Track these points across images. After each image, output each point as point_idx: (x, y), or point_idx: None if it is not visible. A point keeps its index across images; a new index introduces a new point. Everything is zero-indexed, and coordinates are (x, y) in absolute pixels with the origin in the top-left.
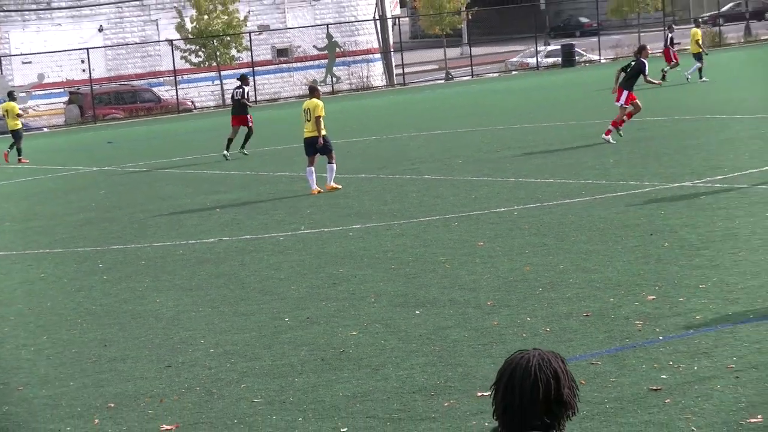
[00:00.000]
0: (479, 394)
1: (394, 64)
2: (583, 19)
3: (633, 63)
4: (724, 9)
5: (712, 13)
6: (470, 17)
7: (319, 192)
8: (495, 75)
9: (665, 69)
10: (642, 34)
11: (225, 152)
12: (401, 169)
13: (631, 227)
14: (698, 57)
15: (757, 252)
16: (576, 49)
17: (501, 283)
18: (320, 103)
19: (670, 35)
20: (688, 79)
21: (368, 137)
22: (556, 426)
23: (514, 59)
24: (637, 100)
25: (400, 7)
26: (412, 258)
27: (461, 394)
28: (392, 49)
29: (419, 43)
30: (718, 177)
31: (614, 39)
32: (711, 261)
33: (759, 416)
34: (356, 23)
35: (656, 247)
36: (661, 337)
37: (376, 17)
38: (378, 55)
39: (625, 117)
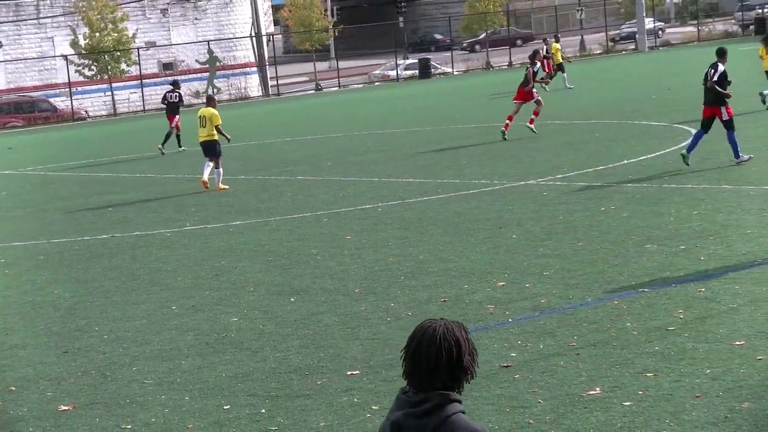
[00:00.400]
0: (349, 373)
1: (269, 77)
2: (438, 36)
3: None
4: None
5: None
6: (337, 34)
7: (205, 184)
8: (360, 86)
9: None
10: (490, 50)
11: (160, 147)
12: (276, 171)
13: (482, 221)
14: (561, 67)
15: (593, 242)
16: (432, 62)
17: (367, 272)
18: (215, 111)
19: (545, 47)
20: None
21: (247, 142)
22: (456, 388)
23: (377, 72)
24: (540, 98)
25: (274, 25)
26: (287, 251)
27: (333, 373)
28: (267, 63)
29: (291, 57)
30: (559, 176)
31: (466, 54)
32: (554, 250)
33: (597, 389)
34: (234, 40)
35: (505, 239)
36: (510, 320)
37: (253, 34)
38: (254, 69)
39: (533, 115)
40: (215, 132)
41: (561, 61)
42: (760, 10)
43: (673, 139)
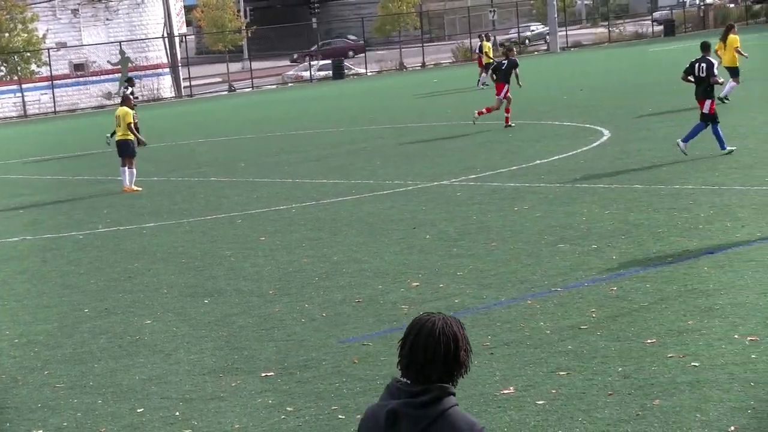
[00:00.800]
0: (263, 374)
1: (182, 78)
2: (351, 37)
3: (505, 62)
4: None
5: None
6: (250, 35)
7: (133, 191)
8: (273, 87)
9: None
10: (403, 49)
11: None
12: (189, 172)
13: (396, 222)
14: (488, 67)
15: (507, 242)
16: (345, 63)
17: (281, 273)
18: (129, 110)
19: (480, 44)
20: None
21: (159, 144)
22: (451, 381)
23: (290, 73)
24: (510, 94)
25: (187, 26)
26: (200, 252)
27: (247, 374)
28: (180, 64)
29: (204, 58)
30: (473, 176)
31: (379, 54)
32: (467, 251)
33: (511, 387)
34: (146, 40)
35: (419, 239)
36: None
37: (165, 35)
38: (167, 70)
39: (505, 111)
40: (129, 132)
41: (490, 61)
42: (669, 12)
43: (584, 139)
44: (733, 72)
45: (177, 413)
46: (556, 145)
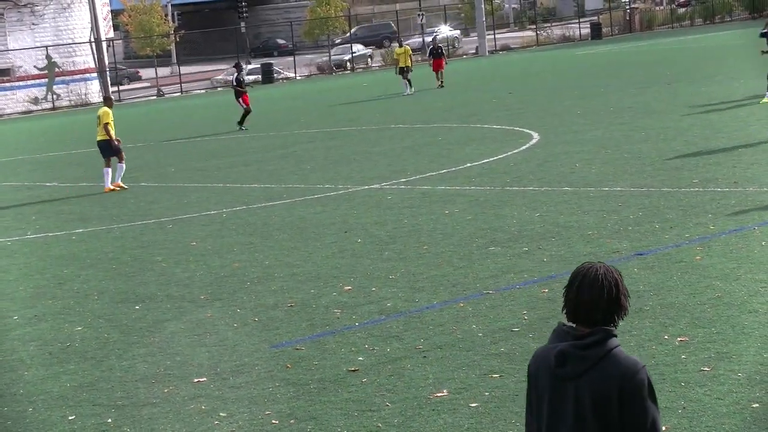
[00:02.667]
0: (196, 380)
1: (110, 82)
2: (280, 41)
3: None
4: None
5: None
6: (178, 39)
7: (120, 187)
8: (202, 91)
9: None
10: (333, 53)
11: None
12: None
13: (327, 225)
14: (402, 71)
15: (438, 245)
16: (274, 67)
17: (213, 278)
18: (108, 110)
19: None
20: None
21: (87, 149)
22: (612, 324)
23: (219, 77)
24: None
25: (114, 31)
26: (131, 258)
27: (179, 380)
28: (108, 69)
29: (133, 63)
30: (402, 179)
31: (308, 58)
32: (399, 254)
33: (444, 390)
34: (73, 45)
35: (351, 243)
36: (357, 324)
37: (92, 40)
38: (95, 74)
39: None
40: (104, 131)
41: (406, 65)
42: (595, 18)
43: (514, 142)
44: None
45: (109, 420)
46: (486, 147)
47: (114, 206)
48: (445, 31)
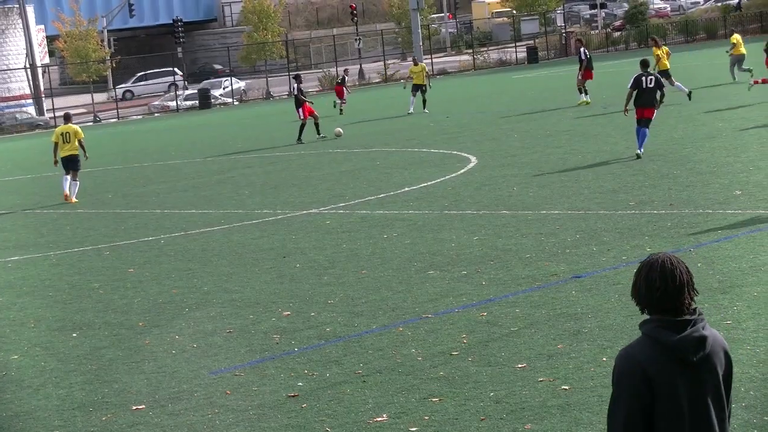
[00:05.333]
0: (134, 407)
1: (45, 109)
2: (217, 66)
3: None
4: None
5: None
6: (114, 65)
7: (67, 197)
8: (139, 117)
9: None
10: (270, 78)
11: (318, 135)
12: (55, 204)
13: (266, 251)
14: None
15: (377, 269)
16: (211, 92)
17: (151, 305)
18: (78, 128)
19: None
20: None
21: (23, 176)
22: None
23: (156, 102)
24: None
25: (50, 56)
26: (68, 285)
27: (117, 408)
28: (43, 95)
29: (69, 89)
30: (341, 204)
31: (246, 83)
32: (338, 279)
33: (384, 415)
34: (8, 71)
35: (289, 268)
36: (296, 349)
37: (27, 66)
38: (30, 101)
39: None
40: (78, 146)
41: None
42: (532, 42)
43: (452, 166)
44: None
45: None
46: (424, 172)
47: (50, 233)
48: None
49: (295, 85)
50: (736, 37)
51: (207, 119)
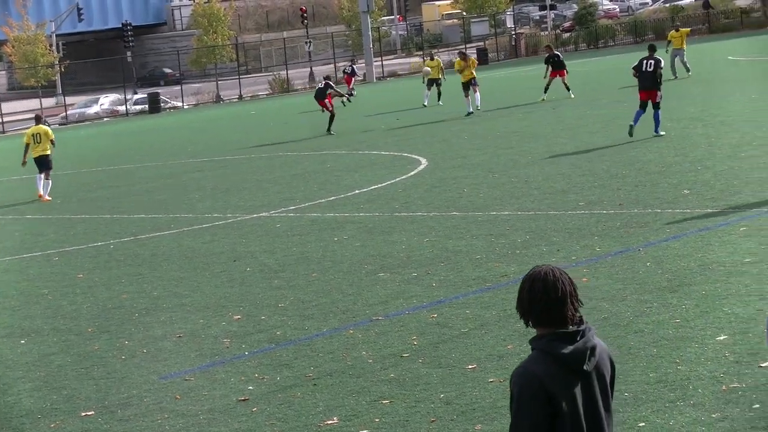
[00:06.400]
0: (83, 413)
1: None
2: (167, 70)
3: None
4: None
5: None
6: (63, 69)
7: (41, 196)
8: (88, 122)
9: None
10: (220, 81)
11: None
12: (3, 210)
13: (216, 255)
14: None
15: (327, 272)
16: (161, 96)
17: (100, 310)
18: (49, 128)
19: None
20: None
21: None
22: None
23: (106, 106)
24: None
25: None
26: (16, 291)
27: (66, 415)
28: None
29: (17, 94)
30: (292, 207)
31: (195, 87)
32: (288, 282)
33: (335, 418)
34: None
35: (240, 272)
36: (246, 353)
37: None
38: None
39: None
40: (49, 146)
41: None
42: (482, 43)
43: (402, 168)
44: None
45: None
46: (375, 174)
47: None
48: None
49: (323, 81)
50: (674, 33)
51: (157, 123)
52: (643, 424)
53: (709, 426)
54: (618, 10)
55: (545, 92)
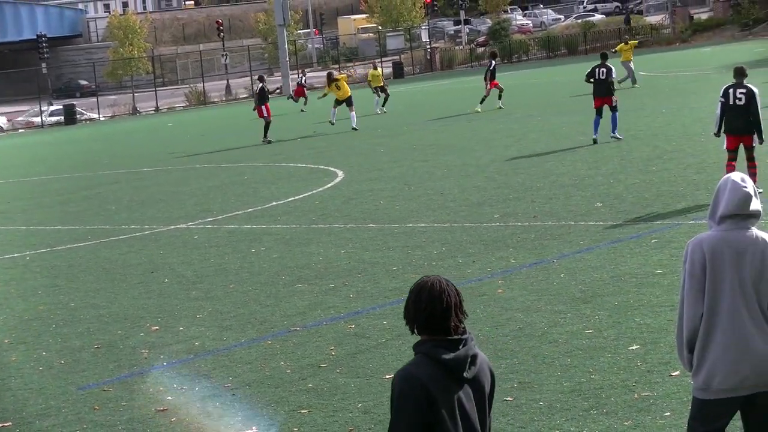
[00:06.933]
0: (1, 425)
1: None
2: (83, 82)
3: None
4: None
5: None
6: None
7: None
8: (2, 134)
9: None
10: (136, 93)
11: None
12: None
13: (134, 266)
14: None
15: (245, 283)
16: (77, 108)
17: (17, 322)
18: None
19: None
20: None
21: None
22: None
23: (20, 119)
24: None
25: None
26: None
27: None
28: None
29: None
30: (209, 219)
31: (111, 99)
32: (206, 293)
33: (253, 428)
34: None
35: (157, 283)
36: (165, 363)
37: None
38: None
39: None
40: None
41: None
42: (397, 57)
43: (319, 180)
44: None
45: None
46: (292, 186)
47: None
48: None
49: (260, 85)
50: (623, 46)
51: (73, 135)
52: None
53: None
54: (531, 25)
55: (487, 101)
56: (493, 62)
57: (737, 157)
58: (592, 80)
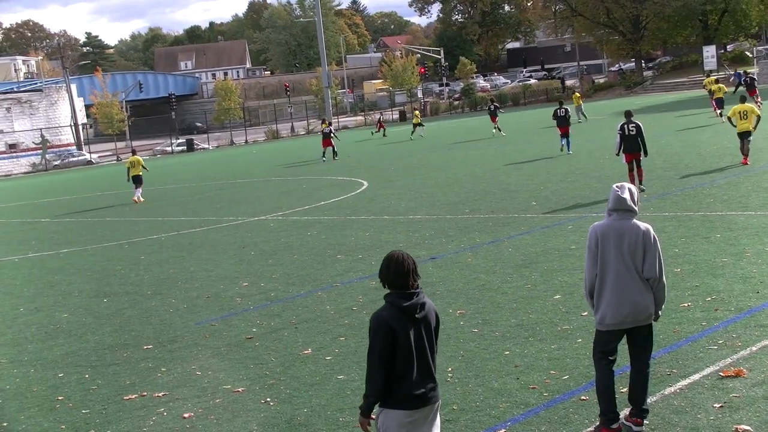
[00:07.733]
0: (145, 347)
1: (86, 152)
2: (198, 124)
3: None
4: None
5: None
6: (130, 123)
7: (136, 201)
8: (147, 157)
9: None
10: (233, 131)
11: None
12: (106, 211)
13: (231, 244)
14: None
15: (304, 255)
16: (195, 141)
17: (154, 280)
18: (140, 158)
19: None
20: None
21: (70, 196)
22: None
23: (158, 147)
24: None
25: (87, 117)
26: (100, 269)
27: (134, 348)
28: (83, 143)
29: (100, 139)
30: (280, 213)
31: (216, 135)
32: (278, 261)
33: (309, 349)
34: (59, 127)
35: (246, 255)
36: (252, 307)
37: (72, 123)
38: (73, 147)
39: None
40: (141, 169)
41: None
42: (402, 107)
43: (351, 188)
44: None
45: (86, 375)
46: (333, 192)
47: (87, 233)
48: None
49: (331, 128)
50: (576, 95)
51: (192, 159)
52: (508, 353)
53: (549, 353)
54: (489, 86)
55: (499, 131)
56: (492, 105)
57: (633, 168)
58: (555, 118)
